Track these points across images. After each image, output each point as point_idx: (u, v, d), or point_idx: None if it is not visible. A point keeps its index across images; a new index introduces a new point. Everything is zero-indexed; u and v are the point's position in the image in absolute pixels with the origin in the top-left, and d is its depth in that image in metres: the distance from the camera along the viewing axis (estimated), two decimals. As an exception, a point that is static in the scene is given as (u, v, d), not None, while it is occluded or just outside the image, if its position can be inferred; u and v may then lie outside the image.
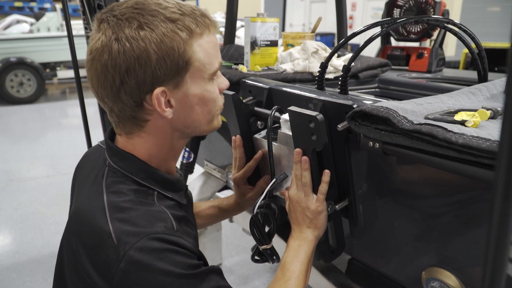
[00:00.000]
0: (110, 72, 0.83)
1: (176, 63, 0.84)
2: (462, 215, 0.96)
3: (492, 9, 9.08)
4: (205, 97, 0.93)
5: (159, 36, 0.82)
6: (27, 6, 11.19)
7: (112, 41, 0.82)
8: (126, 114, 0.89)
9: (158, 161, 0.97)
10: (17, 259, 2.78)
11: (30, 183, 4.06)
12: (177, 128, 0.94)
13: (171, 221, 0.87)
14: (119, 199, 0.86)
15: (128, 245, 0.78)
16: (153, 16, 0.83)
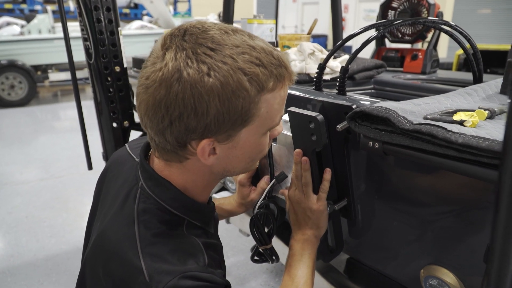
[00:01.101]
0: (161, 110, 0.75)
1: (235, 121, 0.77)
2: (460, 213, 0.98)
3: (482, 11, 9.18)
4: (254, 149, 0.87)
5: (225, 91, 0.73)
6: (18, 8, 11.10)
7: (174, 79, 0.72)
8: (167, 148, 0.83)
9: (192, 192, 0.93)
10: (12, 262, 2.76)
11: (24, 186, 4.03)
12: (216, 171, 0.90)
13: (203, 257, 0.84)
14: (150, 231, 0.83)
15: (161, 284, 0.76)
16: (225, 64, 0.73)
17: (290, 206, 1.16)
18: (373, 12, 10.98)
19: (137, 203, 0.87)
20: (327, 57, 1.27)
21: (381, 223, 1.18)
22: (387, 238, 1.19)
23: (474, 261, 0.96)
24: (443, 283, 1.03)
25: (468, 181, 0.92)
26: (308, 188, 1.11)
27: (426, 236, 1.07)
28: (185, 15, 12.21)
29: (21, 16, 10.18)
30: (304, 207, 1.11)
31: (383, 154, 0.93)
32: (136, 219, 0.85)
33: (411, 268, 1.12)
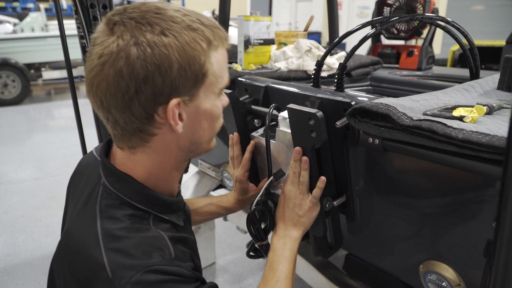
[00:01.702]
0: (125, 79, 0.75)
1: (196, 74, 0.80)
2: (459, 208, 0.98)
3: (476, 7, 9.21)
4: (213, 113, 0.89)
5: (182, 44, 0.77)
6: (10, 6, 11.02)
7: (131, 45, 0.74)
8: (132, 127, 0.82)
9: (159, 180, 0.92)
10: (9, 262, 2.75)
11: (19, 186, 4.01)
12: (182, 145, 0.89)
13: (168, 249, 0.83)
14: (113, 226, 0.82)
15: (124, 280, 0.75)
16: (175, 23, 0.78)
17: (281, 200, 1.16)
18: (367, 9, 10.98)
19: (99, 200, 0.86)
20: (324, 54, 1.27)
21: (380, 219, 1.19)
22: (386, 233, 1.19)
23: (473, 256, 0.97)
24: (442, 278, 1.04)
25: (467, 176, 0.93)
26: (304, 187, 1.11)
27: (425, 231, 1.08)
28: (179, 13, 12.15)
29: (14, 14, 10.10)
30: (296, 204, 1.12)
31: (383, 150, 0.94)
32: (99, 215, 0.83)
33: (410, 264, 1.13)
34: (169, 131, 0.84)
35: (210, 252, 2.65)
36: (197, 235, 2.51)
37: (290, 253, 1.09)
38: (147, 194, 0.89)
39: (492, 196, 0.89)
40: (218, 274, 2.62)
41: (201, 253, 2.67)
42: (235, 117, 1.31)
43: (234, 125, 1.33)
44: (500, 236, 0.52)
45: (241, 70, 1.65)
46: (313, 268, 1.59)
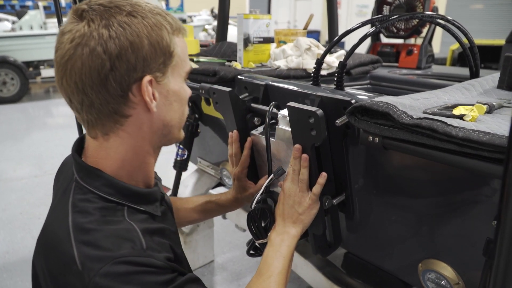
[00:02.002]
0: (99, 57, 0.78)
1: (164, 52, 0.85)
2: (458, 207, 0.99)
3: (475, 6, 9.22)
4: (181, 95, 0.93)
5: (150, 25, 0.82)
6: (9, 4, 11.01)
7: (102, 27, 0.78)
8: (108, 108, 0.83)
9: (133, 168, 0.93)
10: (8, 259, 2.75)
11: (17, 183, 4.00)
12: (155, 128, 0.90)
13: (139, 240, 0.83)
14: (84, 219, 0.82)
15: (93, 272, 0.75)
16: (140, 6, 0.84)
17: (281, 198, 1.16)
18: (366, 8, 10.98)
19: (71, 195, 0.87)
20: (324, 52, 1.27)
21: (379, 217, 1.19)
22: (385, 232, 1.20)
23: (472, 254, 0.97)
24: (441, 277, 1.04)
25: (466, 175, 0.93)
26: (304, 184, 1.11)
27: (424, 230, 1.08)
28: (178, 11, 12.16)
29: (12, 12, 10.09)
30: (295, 201, 1.12)
31: (383, 148, 0.94)
32: (70, 210, 0.84)
33: (409, 262, 1.13)
34: (143, 112, 0.86)
35: (209, 250, 2.65)
36: (196, 233, 2.51)
37: (287, 249, 1.09)
38: (118, 186, 0.89)
39: (491, 195, 0.89)
40: (217, 272, 2.62)
41: (200, 252, 2.68)
42: (235, 115, 1.31)
43: (233, 123, 1.32)
44: (500, 235, 0.52)
45: (241, 68, 1.65)
46: (312, 266, 1.59)
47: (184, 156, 1.88)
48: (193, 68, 1.60)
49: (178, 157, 1.89)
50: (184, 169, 1.93)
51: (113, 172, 0.90)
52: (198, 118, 1.83)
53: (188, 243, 2.49)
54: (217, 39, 2.16)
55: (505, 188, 0.52)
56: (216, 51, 1.95)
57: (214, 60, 1.81)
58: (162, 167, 4.65)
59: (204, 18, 10.33)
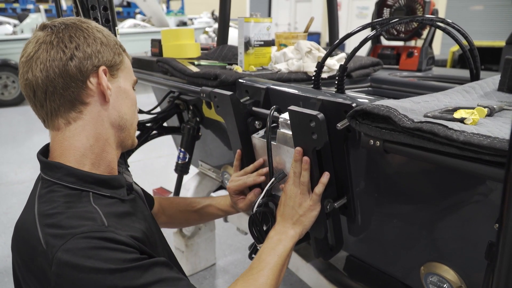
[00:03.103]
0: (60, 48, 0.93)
1: (115, 53, 1.01)
2: (460, 210, 0.99)
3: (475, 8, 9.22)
4: (131, 95, 1.07)
5: (102, 30, 1.01)
6: (10, 7, 11.04)
7: (61, 31, 0.95)
8: (69, 93, 0.94)
9: (95, 156, 0.99)
10: (9, 263, 2.74)
11: (19, 186, 4.01)
12: (112, 118, 1.01)
13: (100, 219, 0.87)
14: (48, 207, 0.88)
15: (55, 248, 0.80)
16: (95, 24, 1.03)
17: (282, 200, 1.17)
18: (366, 10, 11.00)
19: (38, 190, 0.95)
20: (325, 55, 1.27)
21: (381, 220, 1.19)
22: (387, 235, 1.20)
23: (474, 257, 0.97)
24: (443, 280, 1.04)
25: (468, 178, 0.93)
26: (305, 187, 1.12)
27: (426, 233, 1.08)
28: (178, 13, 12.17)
29: (14, 15, 10.12)
30: (295, 202, 1.12)
31: (384, 152, 0.94)
32: (37, 201, 0.91)
33: (411, 265, 1.13)
34: (100, 100, 0.98)
35: (211, 253, 2.65)
36: (198, 236, 2.51)
37: (283, 249, 1.09)
38: (79, 174, 0.95)
39: (493, 198, 0.89)
40: (219, 275, 2.62)
41: (202, 254, 2.68)
42: (236, 118, 1.31)
43: (234, 126, 1.33)
44: (502, 238, 0.52)
45: (242, 71, 1.65)
46: (314, 269, 1.59)
47: (185, 159, 1.88)
48: (194, 71, 1.60)
49: (179, 160, 1.89)
50: (185, 172, 1.93)
51: (77, 161, 0.97)
52: (199, 122, 1.84)
53: (190, 246, 2.49)
54: (218, 43, 2.16)
55: (507, 191, 0.52)
56: (217, 54, 1.95)
57: (215, 64, 1.81)
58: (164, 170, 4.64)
59: (204, 21, 10.35)
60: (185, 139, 1.86)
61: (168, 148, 2.64)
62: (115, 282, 0.80)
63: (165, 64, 1.77)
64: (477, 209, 0.95)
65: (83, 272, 0.79)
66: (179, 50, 1.90)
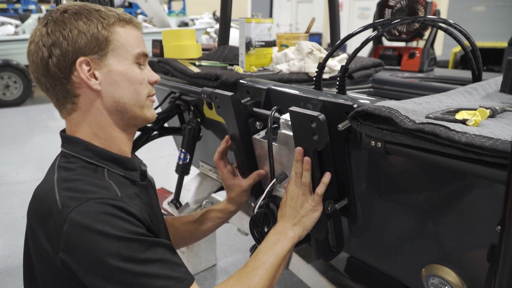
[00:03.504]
0: (40, 48, 0.97)
1: (96, 38, 0.98)
2: (461, 212, 0.98)
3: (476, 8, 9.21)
4: (129, 75, 1.03)
5: (80, 17, 0.98)
6: (12, 7, 11.05)
7: (42, 26, 0.98)
8: (58, 90, 0.99)
9: (104, 141, 1.04)
10: (10, 263, 2.74)
11: (20, 186, 4.01)
12: (108, 105, 1.02)
13: (114, 190, 0.95)
14: (67, 173, 0.96)
15: (70, 208, 0.86)
16: (78, 6, 1.00)
17: (283, 200, 1.16)
18: (368, 10, 10.98)
19: (58, 161, 1.02)
20: (326, 56, 1.27)
21: (382, 222, 1.18)
22: (388, 237, 1.19)
23: (476, 259, 0.97)
24: (445, 282, 1.03)
25: (469, 180, 0.92)
26: (306, 188, 1.11)
27: (427, 235, 1.07)
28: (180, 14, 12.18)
29: (15, 15, 10.12)
30: (297, 203, 1.12)
31: (385, 153, 0.93)
32: (56, 170, 0.98)
33: (412, 267, 1.13)
34: (89, 90, 1.00)
35: (211, 254, 2.65)
36: (198, 237, 2.50)
37: (280, 249, 1.08)
38: (95, 150, 1.02)
39: (494, 199, 0.89)
40: (219, 276, 2.61)
41: (202, 255, 2.67)
42: (237, 119, 1.31)
43: (235, 127, 1.32)
44: (505, 240, 0.52)
45: (243, 72, 1.65)
46: (314, 270, 1.59)
47: (186, 160, 1.88)
48: (195, 72, 1.60)
49: (180, 161, 1.89)
50: (186, 173, 1.93)
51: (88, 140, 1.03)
52: (200, 122, 1.83)
53: (191, 247, 2.48)
54: (219, 43, 2.16)
55: (509, 193, 0.51)
56: (218, 55, 1.95)
57: (216, 64, 1.81)
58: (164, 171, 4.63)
59: (206, 21, 10.35)
60: (186, 140, 1.86)
61: (169, 148, 2.64)
62: (119, 249, 0.85)
63: (166, 64, 1.77)
64: (479, 211, 0.94)
65: (92, 234, 0.84)
66: (180, 50, 1.90)
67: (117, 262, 0.85)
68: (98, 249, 0.84)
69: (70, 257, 0.86)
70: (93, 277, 0.85)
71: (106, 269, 0.85)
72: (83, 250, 0.85)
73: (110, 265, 0.84)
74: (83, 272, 0.86)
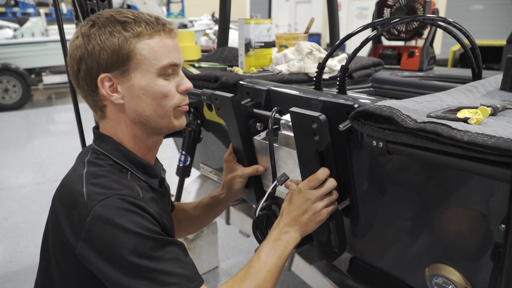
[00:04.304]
0: (71, 62, 1.03)
1: (117, 54, 0.99)
2: (464, 211, 0.98)
3: (474, 7, 9.21)
4: (151, 89, 1.03)
5: (104, 33, 0.99)
6: (10, 11, 11.03)
7: (75, 38, 1.02)
8: (89, 100, 1.06)
9: (132, 146, 1.09)
10: (10, 268, 2.74)
11: (20, 191, 4.01)
12: (132, 117, 1.05)
13: (137, 190, 1.00)
14: (95, 168, 1.01)
15: (95, 201, 0.92)
16: (105, 18, 1.01)
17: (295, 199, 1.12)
18: (366, 10, 10.98)
19: (88, 156, 1.06)
20: (326, 56, 1.27)
21: (384, 222, 1.18)
22: (391, 237, 1.19)
23: (480, 258, 0.96)
24: (448, 282, 1.03)
25: (473, 179, 0.92)
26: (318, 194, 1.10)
27: (430, 234, 1.07)
28: (178, 16, 12.17)
29: (14, 19, 10.11)
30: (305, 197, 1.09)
31: (387, 153, 0.93)
32: (86, 164, 1.03)
33: (415, 267, 1.12)
34: (113, 103, 1.04)
35: (213, 256, 2.64)
36: (200, 239, 2.50)
37: (284, 249, 1.07)
38: (125, 152, 1.07)
39: (498, 198, 0.89)
40: (221, 278, 2.61)
41: (204, 257, 2.66)
42: (237, 121, 1.30)
43: (236, 128, 1.32)
44: (510, 238, 0.51)
45: (242, 73, 1.65)
46: (317, 271, 1.58)
47: (186, 162, 1.88)
48: (195, 74, 1.60)
49: (180, 163, 1.89)
50: (186, 175, 1.93)
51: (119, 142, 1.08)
52: (200, 124, 1.83)
53: (192, 249, 2.48)
54: (218, 44, 2.16)
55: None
56: (218, 56, 1.94)
57: (216, 66, 1.81)
58: (165, 173, 4.56)
59: (205, 23, 10.34)
60: (186, 142, 1.86)
61: (169, 151, 2.63)
62: (136, 245, 0.90)
63: (166, 66, 1.76)
64: (482, 210, 0.94)
65: (113, 227, 0.90)
66: (179, 52, 1.89)
67: (133, 256, 0.89)
68: (116, 242, 0.89)
69: (89, 247, 0.91)
70: (109, 268, 0.90)
71: (122, 262, 0.89)
72: (102, 242, 0.90)
73: (127, 259, 0.89)
74: (100, 262, 0.91)
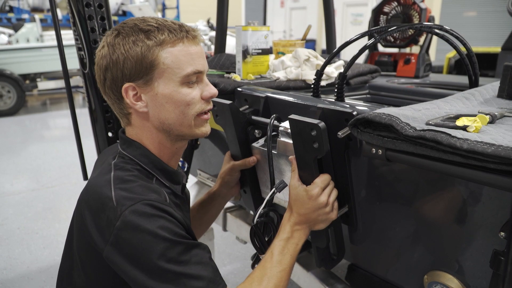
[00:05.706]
0: (98, 71, 1.06)
1: (141, 64, 1.01)
2: (463, 218, 0.98)
3: (468, 14, 9.29)
4: (174, 98, 1.05)
5: (127, 42, 1.01)
6: (5, 17, 10.99)
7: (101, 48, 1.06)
8: (115, 107, 1.10)
9: (157, 152, 1.11)
10: (5, 275, 2.72)
11: (15, 197, 3.98)
12: (156, 124, 1.08)
13: (164, 195, 1.03)
14: (123, 173, 1.03)
15: (124, 207, 0.93)
16: (129, 27, 1.03)
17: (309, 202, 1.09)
18: (361, 16, 11.04)
19: (116, 159, 1.08)
20: (324, 63, 1.27)
21: (383, 229, 1.18)
22: (389, 243, 1.19)
23: (479, 266, 0.96)
24: (447, 289, 1.03)
25: (471, 186, 0.92)
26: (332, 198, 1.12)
27: (428, 241, 1.07)
28: (174, 22, 12.16)
29: (9, 25, 10.07)
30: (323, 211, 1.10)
31: (386, 161, 0.93)
32: (113, 168, 1.05)
33: (414, 274, 1.12)
34: (138, 111, 1.06)
35: (209, 262, 2.63)
36: (196, 246, 2.49)
37: (295, 248, 1.10)
38: (152, 158, 1.10)
39: (497, 206, 0.89)
40: (218, 285, 2.59)
41: (201, 264, 2.61)
42: (235, 127, 1.30)
43: (234, 135, 1.32)
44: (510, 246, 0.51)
45: (240, 80, 1.65)
46: (315, 278, 1.57)
47: (184, 168, 1.87)
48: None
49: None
50: (184, 180, 1.92)
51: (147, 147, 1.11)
52: (197, 131, 1.82)
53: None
54: (216, 51, 2.16)
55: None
56: (215, 63, 1.95)
57: (213, 72, 1.81)
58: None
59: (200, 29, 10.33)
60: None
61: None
62: (164, 250, 0.92)
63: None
64: (481, 217, 0.94)
65: (142, 233, 0.92)
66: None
67: (161, 261, 0.91)
68: (145, 247, 0.92)
69: (117, 251, 0.93)
70: (137, 272, 0.92)
71: (151, 266, 0.92)
72: (131, 246, 0.92)
73: (155, 263, 0.91)
74: (128, 266, 0.93)
